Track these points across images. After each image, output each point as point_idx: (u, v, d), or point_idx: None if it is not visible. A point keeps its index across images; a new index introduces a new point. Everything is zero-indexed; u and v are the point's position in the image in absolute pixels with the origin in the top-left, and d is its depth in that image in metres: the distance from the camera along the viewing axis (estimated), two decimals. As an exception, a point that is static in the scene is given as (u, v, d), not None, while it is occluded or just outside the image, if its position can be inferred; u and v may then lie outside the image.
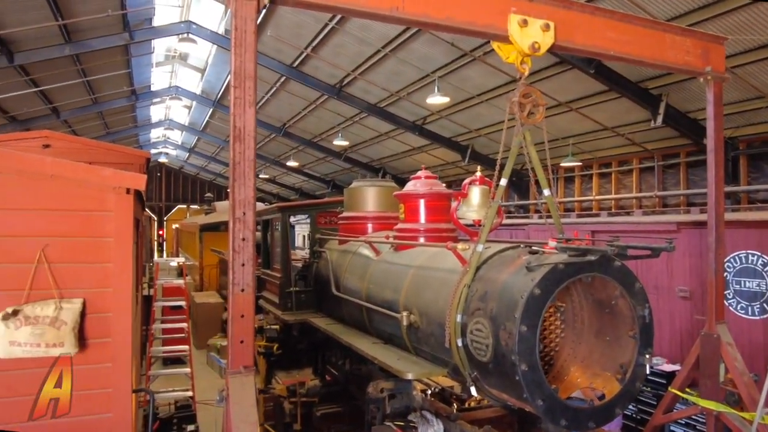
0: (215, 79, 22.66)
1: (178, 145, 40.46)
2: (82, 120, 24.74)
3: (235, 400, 4.00)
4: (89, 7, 13.67)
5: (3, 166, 3.31)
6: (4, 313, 3.32)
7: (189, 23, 16.86)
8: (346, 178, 33.03)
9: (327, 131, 24.41)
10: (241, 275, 4.07)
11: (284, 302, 9.22)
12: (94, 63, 17.75)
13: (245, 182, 4.05)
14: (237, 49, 4.08)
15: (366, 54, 15.55)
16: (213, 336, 15.79)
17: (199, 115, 29.83)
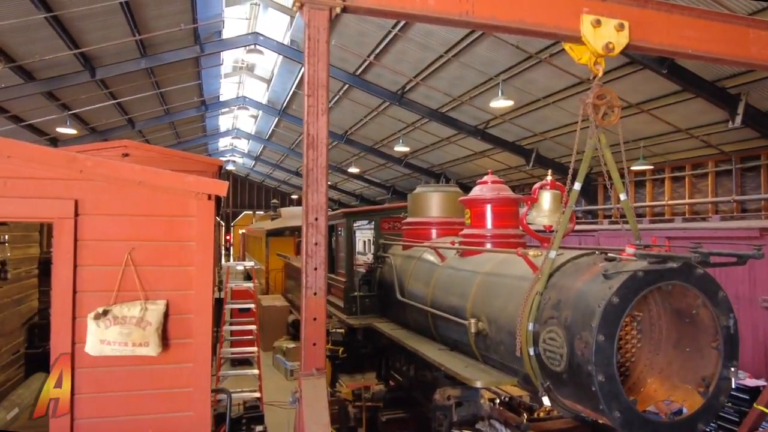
0: (281, 88, 23.24)
1: (245, 153, 41.76)
2: (155, 130, 25.94)
3: (308, 401, 4.06)
4: (163, 22, 14.35)
5: (96, 174, 3.52)
6: (96, 312, 3.51)
7: (256, 35, 17.39)
8: (407, 183, 33.07)
9: (388, 137, 24.54)
10: (313, 279, 4.13)
11: (349, 306, 9.32)
12: (166, 75, 18.60)
13: (318, 188, 4.12)
14: (310, 58, 4.15)
15: (428, 60, 15.55)
16: (279, 338, 16.13)
17: (265, 124, 30.67)
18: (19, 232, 7.35)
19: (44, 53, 13.49)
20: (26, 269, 7.70)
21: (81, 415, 3.59)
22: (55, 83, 15.71)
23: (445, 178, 26.11)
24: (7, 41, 12.91)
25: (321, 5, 4.20)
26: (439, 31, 13.76)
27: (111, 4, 12.26)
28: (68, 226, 3.53)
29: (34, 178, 3.50)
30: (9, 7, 11.21)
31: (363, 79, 18.01)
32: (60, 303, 3.56)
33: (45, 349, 7.81)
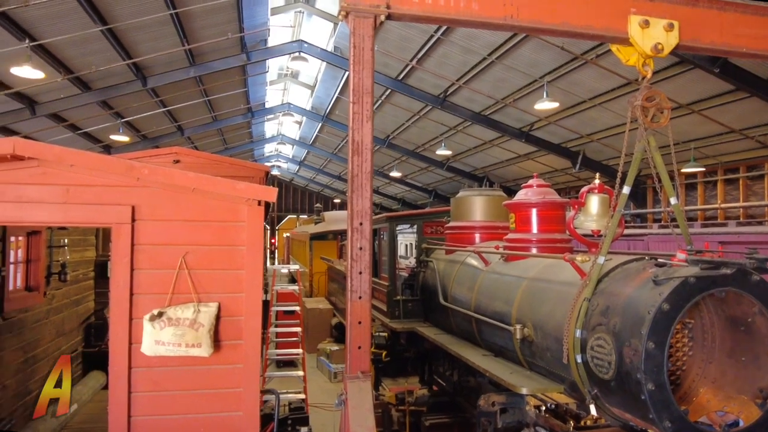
0: (324, 95, 23.56)
1: (289, 158, 42.46)
2: (203, 136, 26.67)
3: (353, 404, 4.12)
4: (211, 31, 14.77)
5: (153, 181, 3.67)
6: (151, 314, 3.66)
7: (300, 42, 17.69)
8: (448, 187, 32.95)
9: (430, 141, 24.53)
10: (358, 283, 4.19)
11: (392, 310, 9.35)
12: (214, 83, 19.11)
13: (363, 193, 4.18)
14: (355, 66, 4.22)
15: (471, 63, 15.49)
16: (322, 341, 16.31)
17: (309, 130, 31.13)
18: (77, 236, 7.69)
19: (100, 64, 14.07)
20: (83, 271, 8.05)
21: (137, 412, 3.74)
22: (110, 92, 16.35)
23: (488, 182, 25.90)
24: (67, 54, 13.54)
25: (366, 13, 4.27)
26: (482, 34, 13.69)
27: (162, 16, 12.70)
28: (126, 231, 3.69)
29: (94, 185, 3.67)
30: (69, 22, 11.75)
31: (405, 83, 18.07)
32: (118, 305, 3.72)
33: (101, 348, 8.16)
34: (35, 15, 11.12)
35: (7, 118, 15.71)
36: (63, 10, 11.24)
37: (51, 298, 6.82)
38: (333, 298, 18.51)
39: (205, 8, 13.05)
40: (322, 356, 15.21)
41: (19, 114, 15.69)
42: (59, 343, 7.25)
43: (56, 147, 3.63)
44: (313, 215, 35.13)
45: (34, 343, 6.38)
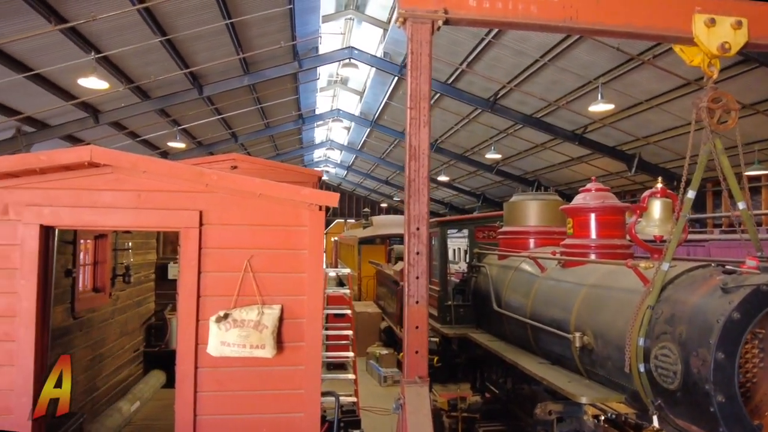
0: (373, 100, 23.72)
1: (337, 163, 42.94)
2: (256, 143, 27.28)
3: (411, 409, 4.12)
4: (265, 40, 15.12)
5: (220, 187, 3.79)
6: (218, 315, 3.78)
7: (351, 49, 17.88)
8: (497, 191, 32.58)
9: (479, 145, 24.32)
10: (416, 288, 4.20)
11: (443, 315, 9.31)
12: (267, 91, 19.54)
13: (420, 198, 4.19)
14: (413, 71, 4.25)
15: (523, 65, 15.30)
16: (371, 344, 16.35)
17: (357, 135, 31.41)
18: (140, 240, 8.00)
19: (159, 74, 14.62)
20: (145, 273, 8.35)
21: (202, 411, 3.85)
22: (167, 101, 16.95)
23: (538, 186, 25.47)
24: (128, 64, 14.13)
25: (424, 19, 4.28)
26: (534, 35, 13.50)
27: (218, 26, 13.09)
28: (194, 235, 3.82)
29: (164, 191, 3.83)
30: (131, 34, 12.27)
31: (455, 87, 18.00)
32: (185, 306, 3.86)
33: (161, 348, 8.44)
34: (101, 28, 11.65)
35: (74, 126, 16.50)
36: (126, 23, 11.74)
37: (116, 299, 7.11)
38: (382, 302, 18.56)
39: (259, 17, 13.37)
40: (371, 360, 15.27)
41: (84, 122, 16.45)
42: (123, 342, 7.54)
43: (130, 154, 3.81)
44: (361, 219, 35.37)
45: (101, 341, 6.67)
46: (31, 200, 3.77)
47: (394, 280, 13.61)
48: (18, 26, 10.62)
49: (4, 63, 11.80)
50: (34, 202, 3.77)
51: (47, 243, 3.90)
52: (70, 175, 3.76)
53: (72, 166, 3.71)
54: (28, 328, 3.80)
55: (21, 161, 3.63)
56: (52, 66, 12.53)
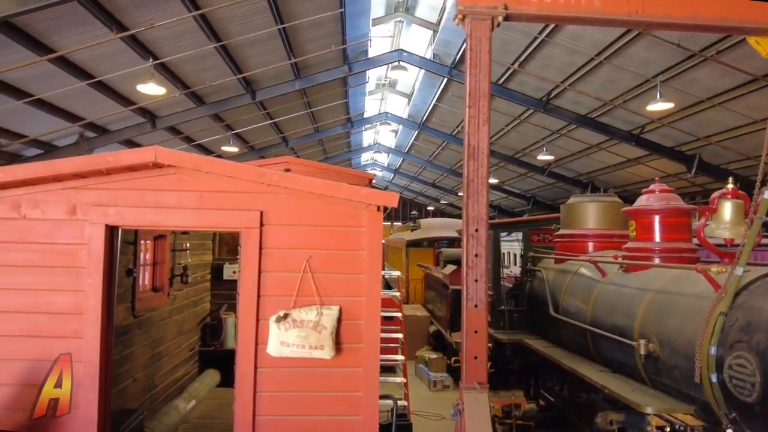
0: (421, 103, 23.65)
1: (384, 166, 43.05)
2: (305, 146, 27.63)
3: (470, 415, 4.01)
4: (316, 45, 15.27)
5: (281, 187, 3.80)
6: (277, 315, 3.78)
7: (400, 51, 17.88)
8: (549, 194, 31.89)
9: (530, 146, 23.88)
10: (474, 291, 4.09)
11: (496, 320, 9.13)
12: (317, 95, 19.74)
13: (478, 199, 4.09)
14: (472, 69, 4.15)
15: (577, 64, 14.92)
16: (419, 348, 16.23)
17: (405, 138, 31.39)
18: (197, 241, 8.16)
19: (213, 79, 14.97)
20: (201, 274, 8.52)
21: (261, 412, 3.86)
22: (221, 106, 17.34)
23: (593, 188, 24.78)
24: (184, 70, 14.52)
25: (483, 15, 4.18)
26: (589, 33, 13.14)
27: (270, 31, 13.30)
28: (254, 235, 3.84)
29: (226, 191, 3.86)
30: (187, 40, 12.61)
31: (506, 87, 17.72)
32: (246, 305, 3.88)
33: (215, 347, 8.58)
34: (158, 36, 12.01)
35: (132, 131, 17.08)
36: (183, 30, 12.06)
37: (174, 299, 7.27)
38: (430, 305, 18.42)
39: (310, 22, 13.52)
40: (420, 364, 15.16)
41: (142, 127, 17.01)
42: (180, 341, 7.70)
43: (193, 155, 3.86)
44: (408, 222, 35.30)
45: (159, 340, 6.82)
46: (97, 200, 3.87)
47: (444, 283, 13.47)
48: (82, 36, 11.06)
49: (70, 71, 12.31)
50: (100, 203, 3.87)
51: (112, 242, 4.00)
52: (134, 176, 3.84)
53: (137, 166, 3.79)
54: (94, 325, 3.90)
55: (88, 162, 3.74)
56: (113, 73, 12.99)
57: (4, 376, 3.85)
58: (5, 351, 3.84)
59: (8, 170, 3.71)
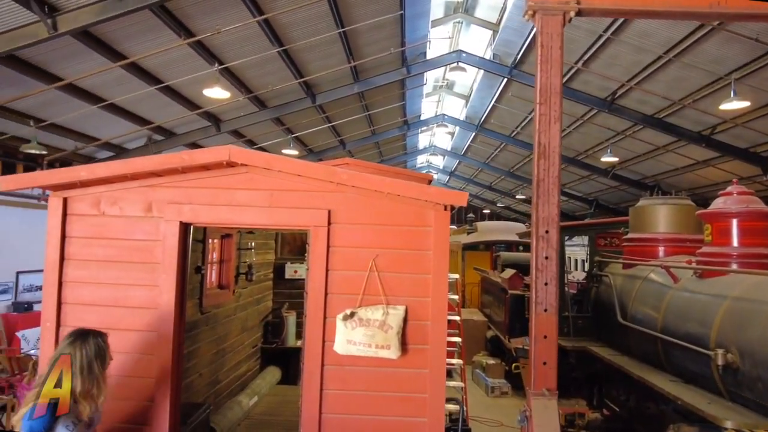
0: (479, 104, 23.36)
1: (440, 169, 42.79)
2: (362, 149, 27.81)
3: (538, 422, 3.91)
4: (375, 48, 15.34)
5: (350, 186, 3.82)
6: (344, 313, 3.79)
7: (459, 52, 17.72)
8: (612, 197, 30.85)
9: (593, 147, 23.15)
10: (544, 295, 3.99)
11: (560, 327, 8.84)
12: (375, 98, 19.82)
13: (549, 199, 3.98)
14: (542, 65, 4.05)
15: (644, 62, 14.35)
16: (476, 353, 16.01)
17: (461, 140, 31.10)
18: (261, 240, 8.34)
19: (275, 83, 15.27)
20: (264, 272, 8.70)
21: (327, 409, 3.88)
22: (282, 110, 17.66)
23: (659, 190, 23.79)
24: (248, 75, 14.89)
25: (554, 11, 4.08)
26: (657, 30, 12.62)
27: (331, 35, 13.45)
28: (322, 233, 3.88)
29: (295, 190, 3.92)
30: (251, 45, 12.92)
31: (569, 87, 17.26)
32: (313, 303, 3.91)
33: (277, 345, 8.73)
34: (224, 41, 12.35)
35: (198, 135, 17.66)
36: (247, 35, 12.37)
37: (238, 296, 7.45)
38: (487, 310, 18.15)
39: (370, 25, 13.58)
40: (477, 369, 14.95)
41: (207, 131, 17.56)
42: (243, 338, 7.88)
43: (265, 154, 3.93)
44: (464, 225, 34.93)
45: (224, 336, 7.00)
46: (172, 198, 4.00)
47: (502, 288, 13.24)
48: (153, 42, 11.51)
49: (140, 77, 12.84)
50: (174, 200, 4.00)
51: (185, 239, 4.12)
52: (207, 175, 3.95)
53: (210, 165, 3.89)
54: (167, 320, 4.03)
55: (165, 161, 3.87)
56: (180, 78, 13.46)
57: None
58: (86, 342, 4.01)
59: (90, 168, 3.89)
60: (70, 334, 3.32)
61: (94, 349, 3.25)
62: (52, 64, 11.33)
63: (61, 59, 11.17)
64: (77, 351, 3.21)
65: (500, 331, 13.94)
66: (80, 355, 3.21)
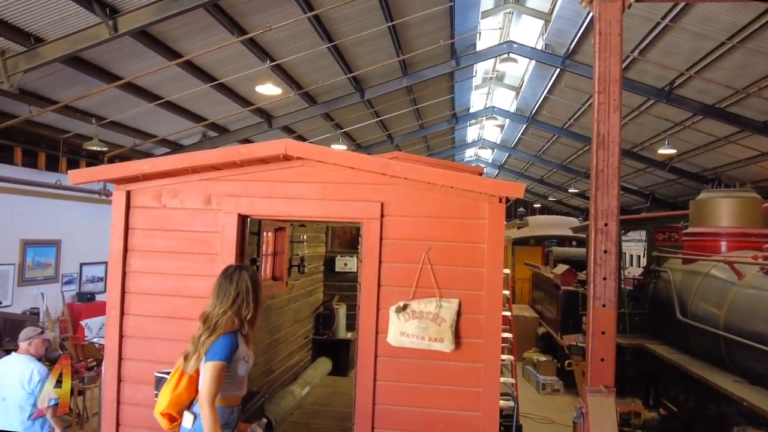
0: (531, 95, 22.91)
1: (488, 162, 42.25)
2: (409, 144, 27.73)
3: (595, 419, 3.83)
4: (424, 41, 15.24)
5: (402, 178, 3.82)
6: (397, 306, 3.81)
7: (510, 43, 17.41)
8: (669, 190, 29.74)
9: (650, 139, 22.35)
10: (602, 289, 3.89)
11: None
12: (423, 92, 19.71)
13: (608, 191, 3.88)
14: (601, 53, 3.94)
15: (705, 49, 13.72)
16: (527, 349, 15.79)
17: (511, 133, 30.59)
18: (312, 233, 8.45)
19: (325, 79, 15.39)
20: (315, 265, 8.82)
21: (380, 400, 3.91)
22: (332, 105, 17.80)
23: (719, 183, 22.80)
24: (299, 71, 15.07)
25: (614, -4, 3.95)
26: (720, 15, 12.04)
27: (381, 29, 13.45)
28: (375, 226, 3.90)
29: (348, 183, 3.95)
30: (302, 42, 13.05)
31: (624, 77, 16.66)
32: (367, 295, 3.94)
33: (328, 336, 8.85)
34: (275, 38, 12.53)
35: (250, 131, 18.02)
36: (298, 31, 12.51)
37: (291, 288, 7.58)
38: (539, 306, 17.85)
39: (419, 18, 13.50)
40: (528, 365, 14.74)
41: (259, 127, 17.89)
42: (295, 329, 8.02)
43: (319, 147, 3.97)
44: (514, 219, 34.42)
45: (278, 327, 7.14)
46: (230, 191, 4.10)
47: (555, 284, 12.98)
48: (207, 40, 11.79)
49: (195, 75, 13.19)
50: (233, 193, 4.10)
51: (243, 231, 4.22)
52: (264, 168, 4.03)
53: (267, 159, 3.97)
54: (226, 309, 4.12)
55: (224, 154, 3.97)
56: (233, 75, 13.74)
57: (148, 353, 4.19)
58: (151, 330, 4.18)
59: (153, 162, 4.03)
60: (226, 270, 3.55)
61: (251, 278, 3.49)
62: (113, 63, 11.77)
63: (121, 59, 11.59)
64: (239, 282, 3.43)
65: (552, 328, 13.70)
66: (243, 284, 3.42)
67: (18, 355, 5.36)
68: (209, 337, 3.28)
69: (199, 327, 3.37)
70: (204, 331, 3.33)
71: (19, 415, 5.21)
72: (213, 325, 3.32)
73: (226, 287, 3.40)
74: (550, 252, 18.08)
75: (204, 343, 3.27)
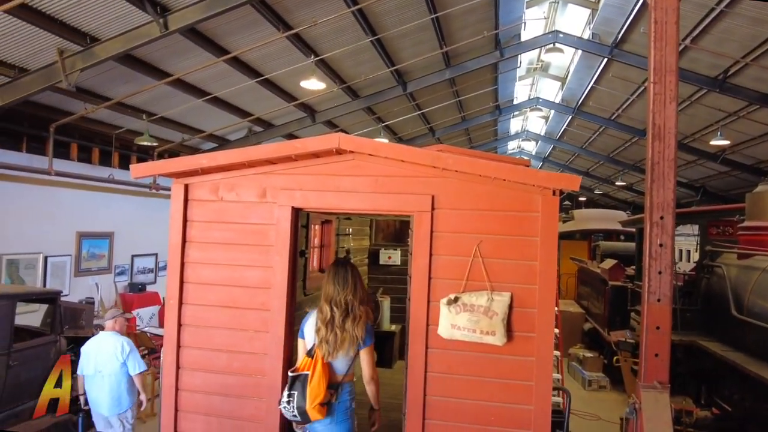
0: (577, 86, 22.42)
1: (532, 155, 41.59)
2: (451, 136, 27.55)
3: (648, 415, 3.78)
4: (467, 32, 15.12)
5: (453, 171, 3.84)
6: (448, 298, 3.83)
7: (555, 33, 17.07)
8: (721, 183, 28.67)
9: (701, 130, 21.57)
10: (657, 284, 3.82)
11: (665, 319, 8.43)
12: (466, 84, 19.55)
13: (664, 183, 3.80)
14: (657, 42, 3.86)
15: (762, 36, 13.15)
16: (572, 345, 15.57)
17: (556, 124, 30.02)
18: (357, 227, 8.54)
19: (368, 73, 15.44)
20: (360, 258, 8.91)
21: (431, 392, 3.95)
22: (374, 99, 17.84)
23: (776, 177, 21.84)
24: (342, 65, 15.18)
25: (671, -16, 3.86)
26: (780, 0, 11.53)
27: (423, 21, 13.41)
28: (426, 219, 3.93)
29: (399, 176, 3.99)
30: (346, 36, 13.14)
31: (675, 66, 16.18)
32: (417, 287, 3.98)
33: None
34: (319, 32, 12.64)
35: (294, 126, 18.27)
36: (342, 26, 12.59)
37: (337, 281, 7.68)
38: (585, 302, 17.55)
39: (463, 9, 13.39)
40: (573, 361, 14.54)
41: (303, 122, 18.11)
42: (342, 320, 8.12)
43: (371, 140, 4.02)
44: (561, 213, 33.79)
45: (323, 318, 7.25)
46: (284, 185, 4.20)
47: (602, 279, 12.74)
48: (253, 36, 12.00)
49: (242, 70, 13.45)
50: (287, 187, 4.19)
51: (296, 224, 4.32)
52: (316, 162, 4.11)
53: (320, 153, 4.04)
54: (280, 298, 4.25)
55: (279, 149, 4.06)
56: (279, 71, 13.95)
57: (205, 341, 4.34)
58: (208, 319, 4.33)
59: (211, 156, 4.16)
60: (334, 266, 4.09)
61: (352, 271, 4.01)
62: (162, 61, 12.11)
63: (170, 56, 11.92)
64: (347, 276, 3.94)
65: (599, 324, 13.47)
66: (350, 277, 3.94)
67: (105, 332, 6.21)
68: (357, 324, 3.83)
69: (333, 310, 3.86)
70: (346, 318, 3.83)
71: (115, 385, 6.00)
72: (354, 314, 3.84)
73: (343, 274, 3.93)
74: (596, 246, 17.73)
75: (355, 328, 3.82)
